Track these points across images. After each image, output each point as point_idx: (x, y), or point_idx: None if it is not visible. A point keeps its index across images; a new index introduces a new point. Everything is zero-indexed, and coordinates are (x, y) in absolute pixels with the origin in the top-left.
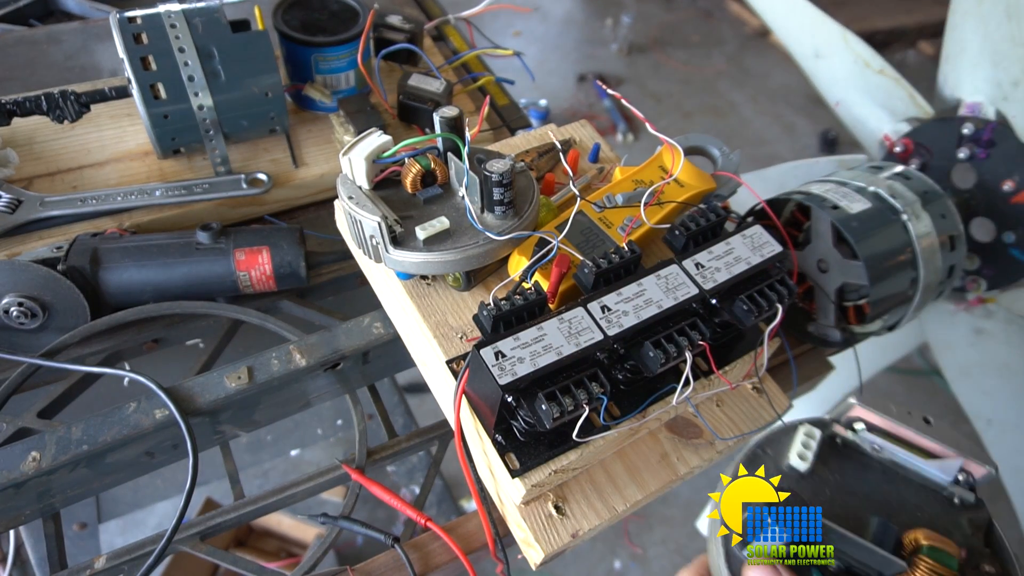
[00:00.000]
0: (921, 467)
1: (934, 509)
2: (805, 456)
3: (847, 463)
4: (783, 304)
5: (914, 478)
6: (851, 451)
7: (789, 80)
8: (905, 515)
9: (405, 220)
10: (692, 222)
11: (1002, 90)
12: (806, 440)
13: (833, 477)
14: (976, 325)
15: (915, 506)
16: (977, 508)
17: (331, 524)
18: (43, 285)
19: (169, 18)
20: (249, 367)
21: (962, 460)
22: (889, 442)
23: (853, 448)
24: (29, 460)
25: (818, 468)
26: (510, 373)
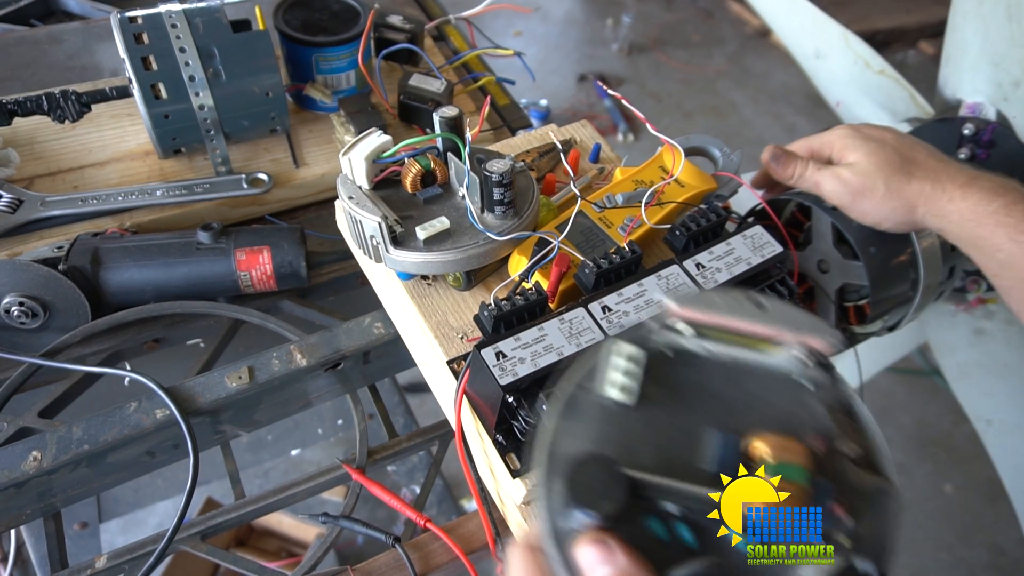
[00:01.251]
0: (762, 358)
1: (784, 400)
2: (629, 387)
3: (680, 373)
4: None
5: (759, 372)
6: (682, 358)
7: (789, 80)
8: (753, 416)
9: (405, 220)
10: (693, 222)
11: (1003, 91)
12: (629, 367)
13: (665, 395)
14: (976, 326)
15: (764, 403)
16: (832, 386)
17: (332, 524)
18: (44, 285)
19: (170, 18)
20: (250, 367)
21: (804, 339)
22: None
23: (683, 354)
24: (30, 460)
25: (647, 389)
26: (511, 373)
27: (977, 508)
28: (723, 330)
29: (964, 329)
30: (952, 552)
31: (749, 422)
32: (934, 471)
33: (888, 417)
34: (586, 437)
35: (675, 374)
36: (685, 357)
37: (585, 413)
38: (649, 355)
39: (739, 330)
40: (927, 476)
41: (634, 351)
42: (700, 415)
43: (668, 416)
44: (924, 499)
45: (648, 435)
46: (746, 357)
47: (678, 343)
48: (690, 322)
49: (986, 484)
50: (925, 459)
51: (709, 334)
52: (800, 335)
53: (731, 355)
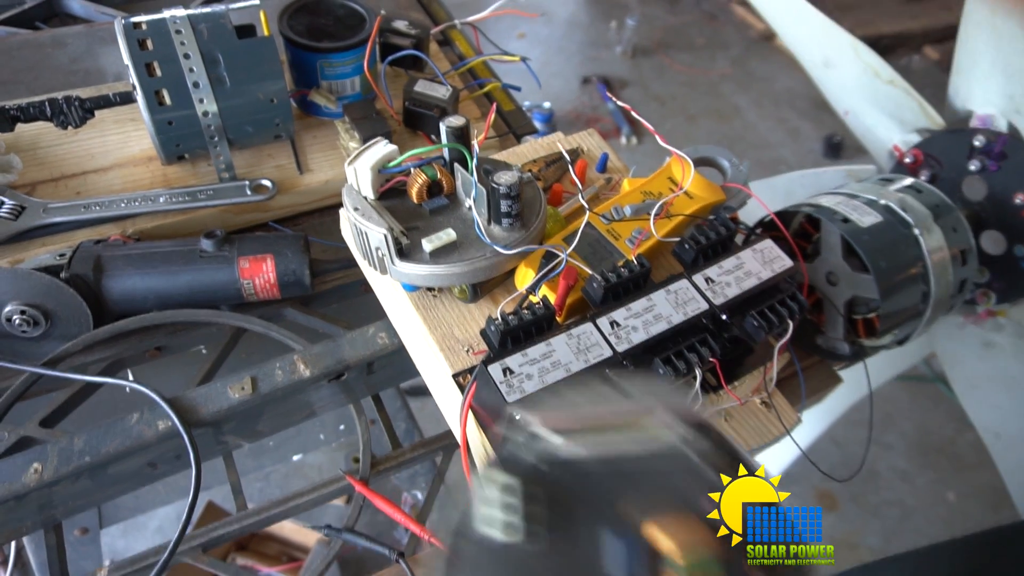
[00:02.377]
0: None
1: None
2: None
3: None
4: (794, 320)
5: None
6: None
7: (794, 84)
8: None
9: (411, 231)
10: (702, 235)
11: (1014, 103)
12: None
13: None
14: (985, 338)
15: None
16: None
17: (335, 537)
18: (46, 293)
19: (174, 24)
20: (253, 377)
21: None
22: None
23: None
24: (31, 472)
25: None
26: (518, 390)
27: (980, 516)
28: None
29: (973, 341)
30: None
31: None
32: (937, 479)
33: (891, 424)
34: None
35: (557, 487)
36: (562, 466)
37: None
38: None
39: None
40: (930, 483)
41: (507, 480)
42: (595, 523)
43: (563, 537)
44: (927, 506)
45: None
46: (622, 444)
47: (550, 453)
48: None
49: (989, 492)
50: (928, 466)
51: (578, 434)
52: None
53: (606, 447)
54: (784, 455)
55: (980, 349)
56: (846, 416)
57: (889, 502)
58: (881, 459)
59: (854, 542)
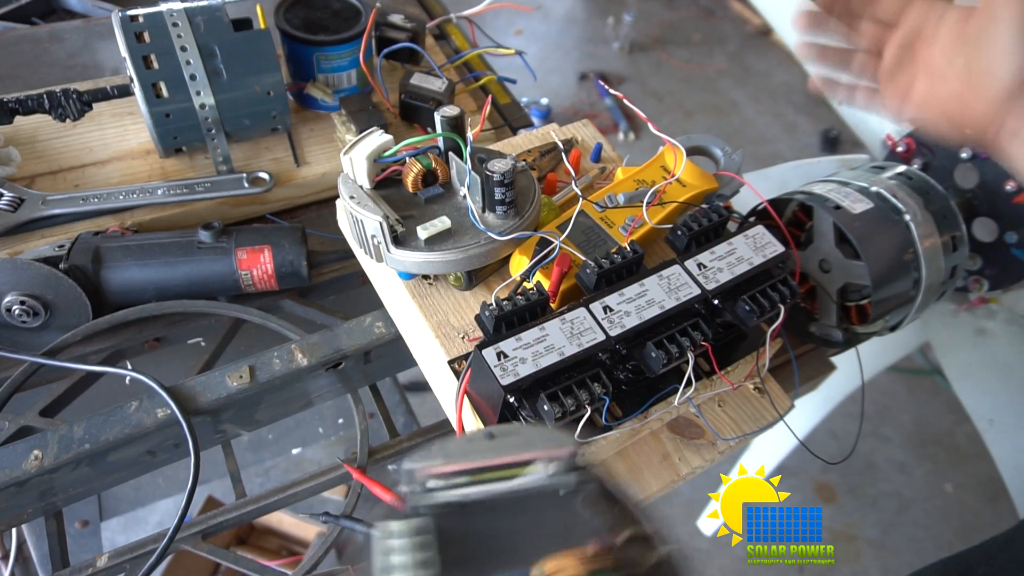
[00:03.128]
0: (512, 485)
1: (550, 514)
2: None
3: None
4: (785, 305)
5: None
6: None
7: (791, 79)
8: (530, 543)
9: (406, 220)
10: (694, 222)
11: None
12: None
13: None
14: (978, 325)
15: (533, 524)
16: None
17: (333, 523)
18: (45, 284)
19: (171, 17)
20: (251, 366)
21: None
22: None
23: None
24: (31, 459)
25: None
26: (512, 373)
27: (977, 507)
28: (467, 472)
29: (966, 329)
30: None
31: (529, 551)
32: (934, 470)
33: (888, 416)
34: None
35: (442, 531)
36: (444, 510)
37: None
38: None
39: (480, 467)
40: (927, 475)
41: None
42: (481, 562)
43: None
44: (924, 498)
45: None
46: (498, 489)
47: (431, 500)
48: (434, 476)
49: (986, 483)
50: (925, 458)
51: (457, 481)
52: (537, 451)
53: (484, 493)
54: (781, 446)
55: (973, 336)
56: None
57: (887, 494)
58: (879, 451)
59: (852, 534)
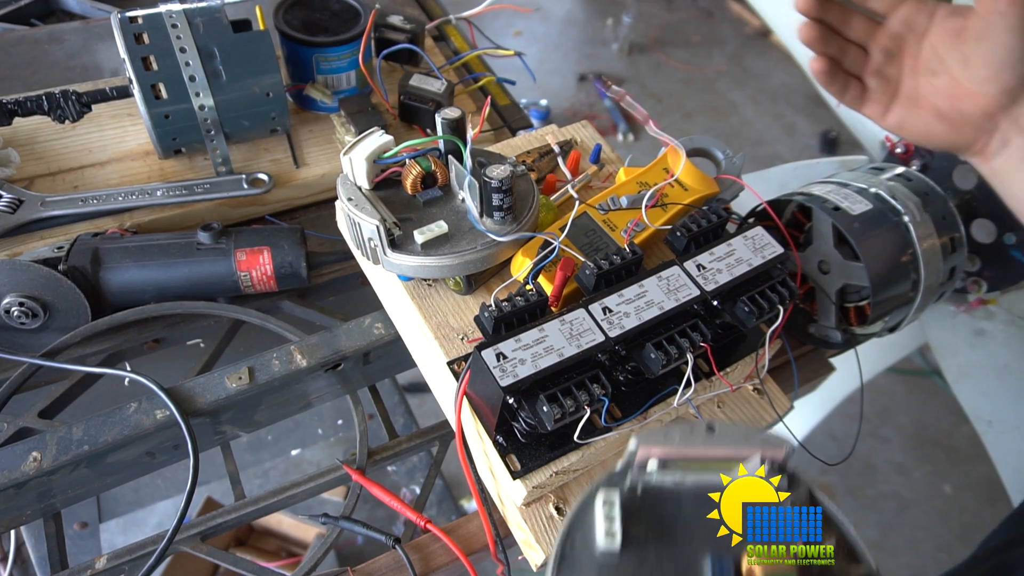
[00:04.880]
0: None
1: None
2: (612, 531)
3: (658, 509)
4: (784, 306)
5: None
6: (657, 494)
7: (790, 80)
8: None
9: (404, 222)
10: (694, 223)
11: None
12: (607, 511)
13: (650, 533)
14: (977, 326)
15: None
16: (793, 487)
17: (332, 524)
18: (44, 285)
19: (170, 18)
20: (250, 367)
21: (759, 452)
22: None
23: (657, 491)
24: (30, 460)
25: (632, 531)
26: (511, 374)
27: (976, 508)
28: (684, 460)
29: (964, 330)
30: (951, 552)
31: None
32: (933, 471)
33: (888, 417)
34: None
35: (652, 511)
36: (656, 492)
37: (579, 568)
38: (622, 498)
39: (697, 457)
40: (926, 476)
41: (607, 495)
42: (687, 544)
43: (658, 553)
44: (923, 499)
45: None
46: (711, 481)
47: (647, 481)
48: (653, 458)
49: (985, 484)
50: (924, 459)
51: (673, 466)
52: (754, 449)
53: (698, 481)
54: None
55: (972, 337)
56: (842, 410)
57: (886, 495)
58: (878, 452)
59: None
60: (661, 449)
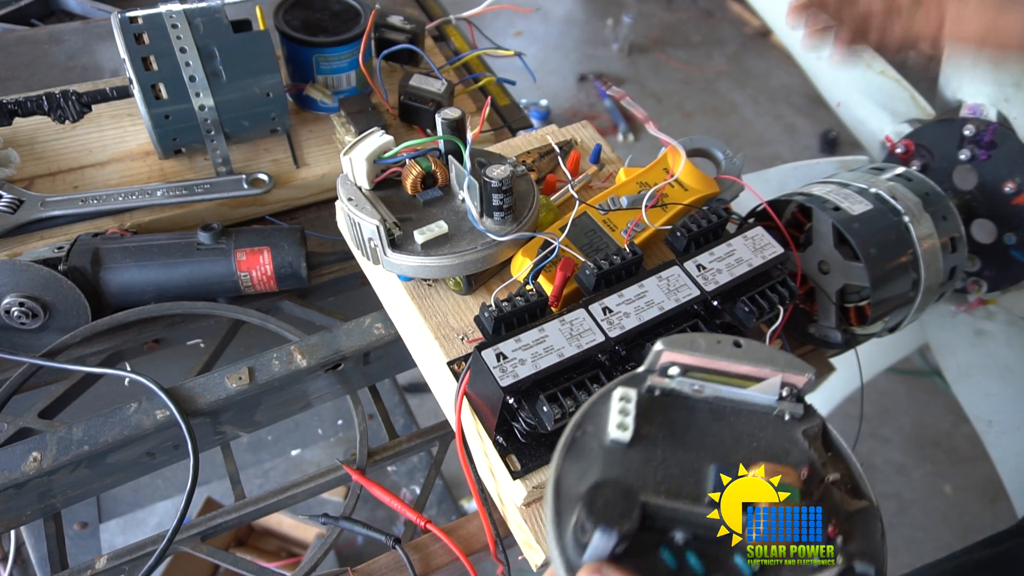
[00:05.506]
0: (744, 394)
1: (767, 433)
2: (625, 424)
3: (672, 414)
4: (785, 306)
5: (742, 407)
6: (673, 399)
7: (790, 80)
8: (742, 449)
9: (404, 222)
10: (694, 223)
11: (1003, 92)
12: (623, 405)
13: (661, 433)
14: (977, 327)
15: (748, 436)
16: (808, 418)
17: (332, 525)
18: (44, 285)
19: (170, 18)
20: (250, 367)
21: (781, 375)
22: (707, 379)
23: (674, 396)
24: (30, 460)
25: (643, 429)
26: (511, 375)
27: (976, 509)
28: (706, 370)
29: (965, 330)
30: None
31: (740, 455)
32: (933, 471)
33: (888, 417)
34: (590, 476)
35: (666, 414)
36: (673, 397)
37: (586, 453)
38: (640, 397)
39: (721, 369)
40: (926, 476)
41: (625, 392)
42: (694, 450)
43: (664, 452)
44: (924, 499)
45: (648, 470)
46: (729, 394)
47: (666, 385)
48: (676, 364)
49: (986, 484)
50: (924, 460)
51: (694, 375)
52: (777, 370)
53: (716, 393)
54: None
55: (972, 337)
56: (842, 409)
57: (886, 495)
58: (878, 452)
59: None
60: (686, 356)
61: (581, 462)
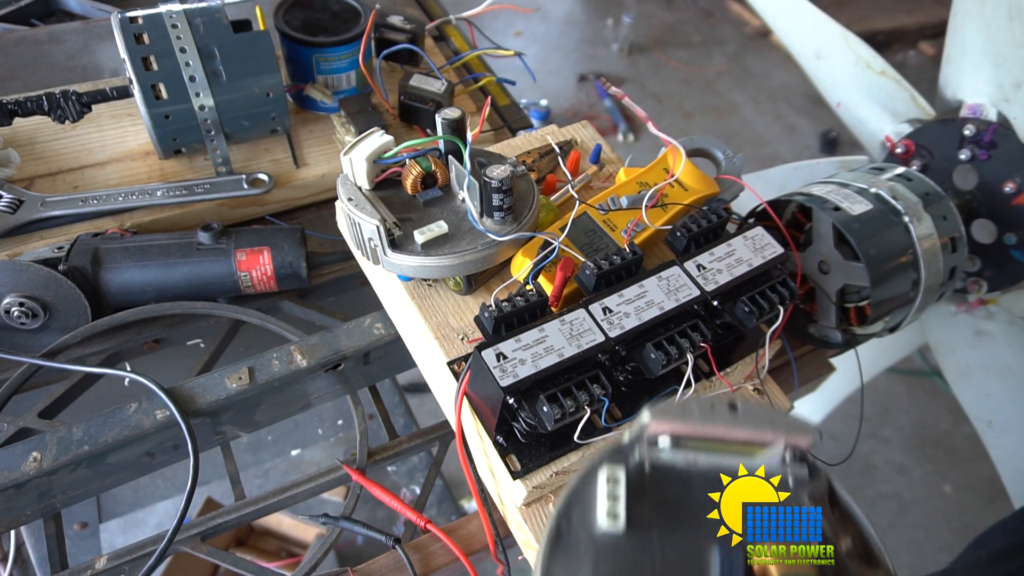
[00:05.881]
0: (744, 463)
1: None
2: (615, 512)
3: (665, 489)
4: (785, 306)
5: None
6: (665, 475)
7: (790, 80)
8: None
9: (404, 222)
10: (694, 223)
11: (1003, 92)
12: (611, 489)
13: (655, 515)
14: (977, 327)
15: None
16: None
17: (332, 525)
18: (44, 285)
19: (170, 18)
20: (250, 367)
21: (782, 436)
22: (702, 449)
23: (666, 471)
24: (30, 460)
25: (635, 511)
26: (511, 375)
27: (977, 509)
28: (700, 439)
29: (965, 330)
30: (952, 552)
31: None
32: (934, 471)
33: (887, 417)
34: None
35: (659, 492)
36: (666, 472)
37: (574, 547)
38: (628, 475)
39: (716, 437)
40: (927, 477)
41: (612, 472)
42: (693, 531)
43: (662, 539)
44: (924, 500)
45: (645, 562)
46: (727, 464)
47: (656, 458)
48: (666, 433)
49: (986, 484)
50: (925, 460)
51: (687, 445)
52: (778, 433)
53: (712, 464)
54: None
55: (972, 337)
56: (843, 410)
57: (886, 495)
58: (878, 453)
59: None
60: (676, 425)
61: (570, 557)
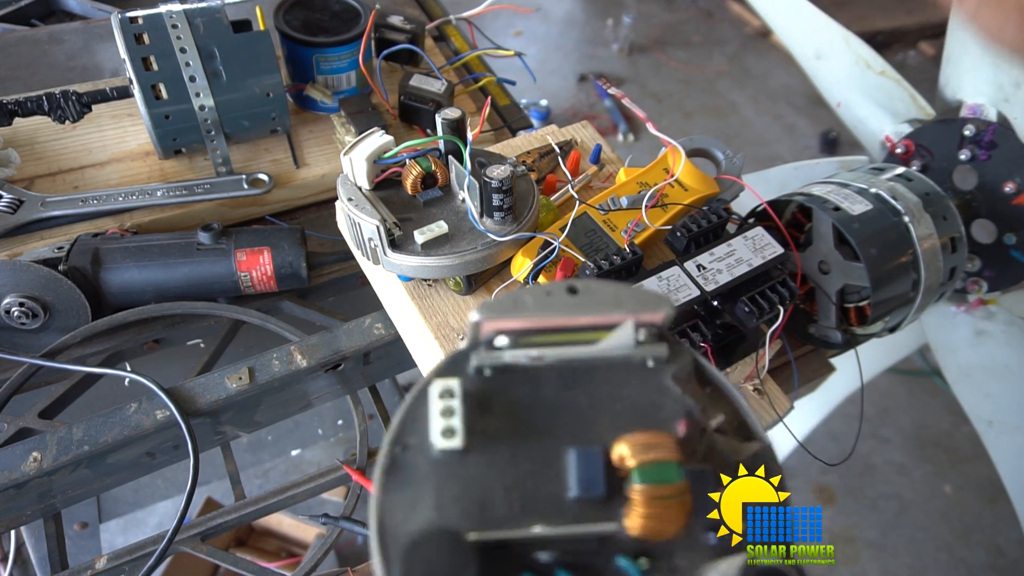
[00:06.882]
0: (594, 350)
1: (633, 388)
2: (452, 428)
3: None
4: (785, 306)
5: (595, 365)
6: (510, 379)
7: (790, 80)
8: (603, 418)
9: (404, 223)
10: (694, 223)
11: (1003, 92)
12: (444, 404)
13: (502, 424)
14: (977, 327)
15: (611, 397)
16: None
17: (332, 525)
18: (44, 285)
19: (171, 18)
20: (250, 368)
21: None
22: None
23: (510, 373)
24: (30, 460)
25: (479, 424)
26: None
27: (977, 509)
28: (541, 331)
29: (965, 330)
30: (952, 553)
31: (602, 426)
32: (934, 472)
33: (887, 417)
34: (423, 505)
35: (505, 398)
36: (510, 375)
37: (412, 475)
38: (465, 383)
39: (558, 326)
40: (927, 477)
41: (445, 385)
42: (547, 435)
43: (511, 448)
44: (924, 500)
45: (494, 478)
46: (575, 354)
47: (496, 360)
48: (502, 332)
49: (986, 485)
50: (925, 460)
51: (528, 340)
52: (627, 312)
53: (559, 356)
54: (780, 448)
55: (972, 338)
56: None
57: (886, 495)
58: (878, 453)
59: (851, 535)
60: (512, 320)
61: (408, 489)
